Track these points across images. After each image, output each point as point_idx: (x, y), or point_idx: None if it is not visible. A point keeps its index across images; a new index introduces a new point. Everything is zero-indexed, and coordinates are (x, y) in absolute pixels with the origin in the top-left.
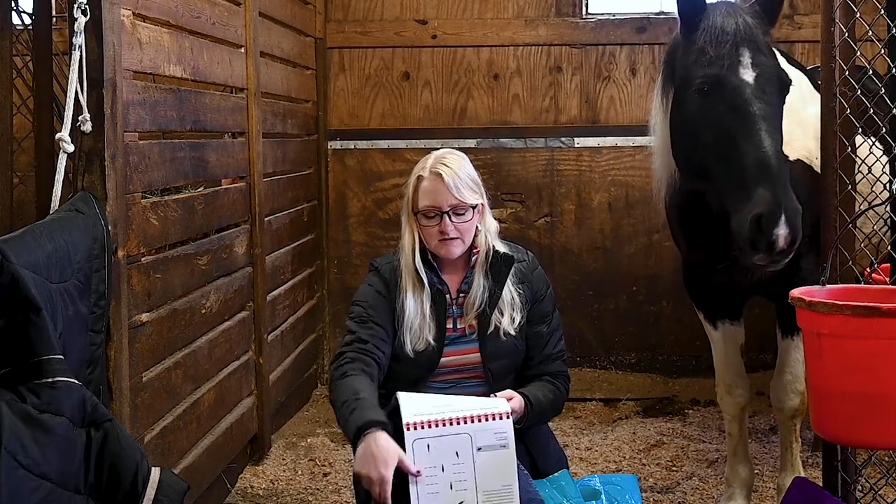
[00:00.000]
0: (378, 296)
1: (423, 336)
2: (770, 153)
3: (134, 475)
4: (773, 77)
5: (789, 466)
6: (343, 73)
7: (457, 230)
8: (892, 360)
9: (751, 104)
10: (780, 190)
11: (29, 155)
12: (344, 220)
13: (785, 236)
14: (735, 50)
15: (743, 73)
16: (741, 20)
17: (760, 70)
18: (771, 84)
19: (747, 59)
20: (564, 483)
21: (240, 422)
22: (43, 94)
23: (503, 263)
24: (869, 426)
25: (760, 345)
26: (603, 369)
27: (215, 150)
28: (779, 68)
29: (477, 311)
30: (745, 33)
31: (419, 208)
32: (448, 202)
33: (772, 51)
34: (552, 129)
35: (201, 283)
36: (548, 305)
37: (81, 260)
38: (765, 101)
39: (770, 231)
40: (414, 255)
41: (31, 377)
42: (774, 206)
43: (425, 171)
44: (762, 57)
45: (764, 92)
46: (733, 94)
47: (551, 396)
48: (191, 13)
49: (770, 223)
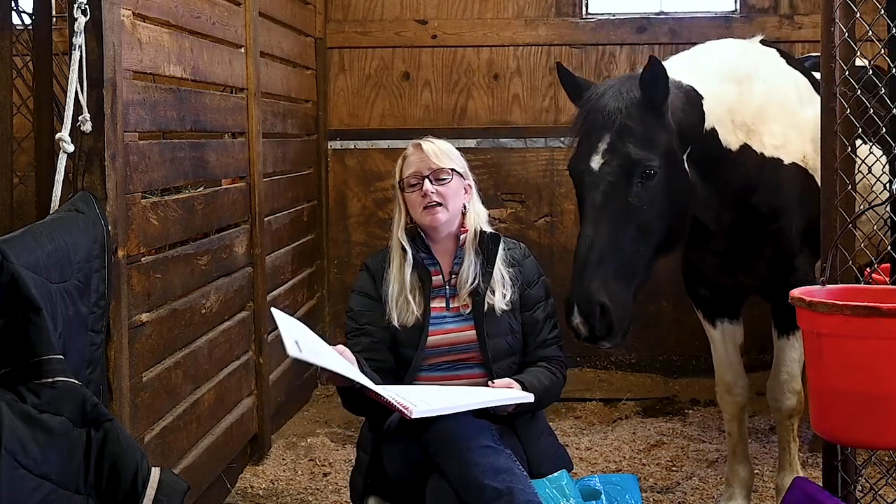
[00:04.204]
0: (365, 299)
1: (409, 307)
2: (584, 243)
3: (134, 475)
4: (623, 163)
5: (788, 466)
6: (343, 73)
7: (439, 195)
8: (892, 360)
9: (586, 192)
10: (579, 281)
11: (29, 155)
12: (344, 220)
13: (580, 325)
14: (594, 137)
15: (591, 161)
16: (618, 104)
17: (610, 157)
18: (617, 171)
19: (602, 146)
20: (564, 483)
21: (240, 422)
22: (43, 94)
23: (491, 242)
24: (869, 426)
25: (760, 345)
26: (603, 369)
27: (215, 150)
28: (638, 151)
29: (470, 288)
30: (613, 119)
31: (403, 177)
32: (429, 166)
33: (655, 131)
34: (552, 129)
35: (201, 283)
36: (541, 291)
37: (81, 260)
38: (602, 189)
39: (568, 319)
40: (399, 228)
41: (31, 377)
42: (569, 296)
43: (409, 147)
44: (620, 143)
45: (605, 180)
46: (578, 183)
47: (547, 383)
48: (191, 13)
49: (567, 312)
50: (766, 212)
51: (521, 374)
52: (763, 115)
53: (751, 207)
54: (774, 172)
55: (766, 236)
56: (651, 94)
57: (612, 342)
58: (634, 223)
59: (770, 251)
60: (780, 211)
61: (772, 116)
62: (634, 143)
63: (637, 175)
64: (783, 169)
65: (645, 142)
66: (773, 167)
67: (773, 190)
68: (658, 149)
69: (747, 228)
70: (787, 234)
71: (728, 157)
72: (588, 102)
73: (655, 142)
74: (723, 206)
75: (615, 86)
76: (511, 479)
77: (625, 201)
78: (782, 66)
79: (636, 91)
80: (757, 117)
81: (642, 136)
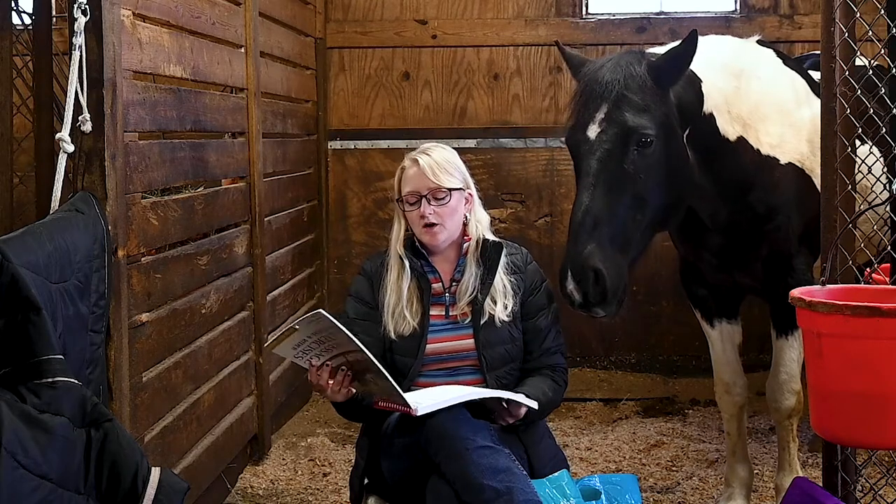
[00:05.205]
0: (361, 306)
1: (406, 320)
2: (579, 209)
3: (134, 475)
4: (619, 131)
5: (787, 466)
6: (343, 73)
7: (437, 215)
8: (892, 360)
9: (582, 160)
10: (573, 247)
11: (29, 155)
12: (344, 220)
13: (573, 291)
14: (592, 107)
15: (588, 131)
16: (616, 76)
17: (607, 125)
18: (613, 138)
19: (600, 116)
20: (564, 483)
21: (240, 422)
22: (43, 94)
23: (493, 251)
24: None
25: (759, 345)
26: (603, 369)
27: (215, 150)
28: (635, 119)
29: (469, 297)
30: (610, 90)
31: (401, 195)
32: (426, 186)
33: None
34: (552, 129)
35: (201, 283)
36: (543, 299)
37: (81, 260)
38: (598, 156)
39: (562, 286)
40: (398, 240)
41: (31, 377)
42: (564, 262)
43: (406, 160)
44: (617, 112)
45: (601, 147)
46: (575, 153)
47: (551, 394)
48: (191, 13)
49: (561, 278)
50: (763, 211)
51: (523, 387)
52: (759, 112)
53: (747, 205)
54: (771, 171)
55: (763, 236)
56: (674, 65)
57: (606, 310)
58: (630, 191)
59: (767, 251)
60: (776, 210)
61: (768, 115)
62: (631, 112)
63: (633, 142)
64: (780, 168)
65: (642, 111)
66: (770, 166)
67: (770, 188)
68: (655, 118)
69: (744, 227)
70: (785, 234)
71: (726, 147)
72: (587, 75)
73: (653, 111)
74: (720, 200)
75: (614, 59)
76: (510, 479)
77: (620, 169)
78: (779, 66)
79: (636, 65)
80: (753, 113)
81: (639, 105)
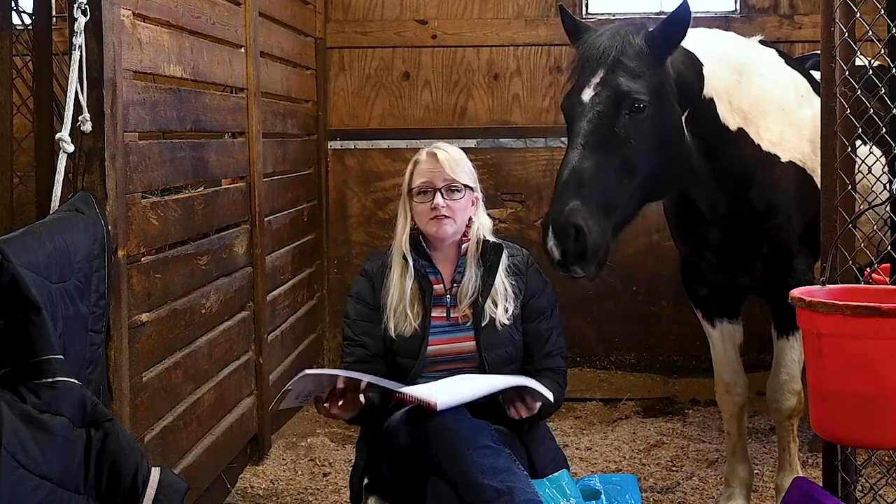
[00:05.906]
0: (362, 308)
1: (407, 320)
2: (566, 168)
3: (134, 475)
4: (612, 94)
5: (787, 466)
6: (343, 73)
7: (449, 208)
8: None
9: (574, 122)
10: (556, 203)
11: (29, 155)
12: (344, 220)
13: (553, 247)
14: (588, 72)
15: (583, 94)
16: (613, 43)
17: (601, 89)
18: (606, 101)
19: (595, 80)
20: (564, 483)
21: (240, 422)
22: (43, 94)
23: (493, 253)
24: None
25: (760, 345)
26: (603, 369)
27: (215, 150)
28: (629, 83)
29: (470, 299)
30: (607, 55)
31: (413, 186)
32: (442, 178)
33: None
34: (552, 129)
35: (201, 283)
36: (545, 302)
37: (81, 260)
38: (589, 118)
39: (543, 242)
40: (403, 237)
41: (31, 377)
42: (545, 218)
43: (422, 154)
44: (612, 76)
45: (593, 109)
46: (569, 116)
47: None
48: (191, 13)
49: (543, 234)
50: (763, 209)
51: None
52: (760, 108)
53: (747, 202)
54: (771, 168)
55: (763, 235)
56: (669, 31)
57: (585, 270)
58: (619, 155)
59: (768, 251)
60: (776, 209)
61: (769, 112)
62: (625, 76)
63: (625, 106)
64: (780, 166)
65: (636, 76)
66: (771, 163)
67: (770, 186)
68: (649, 85)
69: (744, 224)
70: (785, 233)
71: (726, 136)
72: (585, 42)
73: (647, 78)
74: (720, 191)
75: (613, 28)
76: (511, 479)
77: (611, 132)
78: (781, 65)
79: (634, 34)
80: (754, 108)
81: (634, 71)
